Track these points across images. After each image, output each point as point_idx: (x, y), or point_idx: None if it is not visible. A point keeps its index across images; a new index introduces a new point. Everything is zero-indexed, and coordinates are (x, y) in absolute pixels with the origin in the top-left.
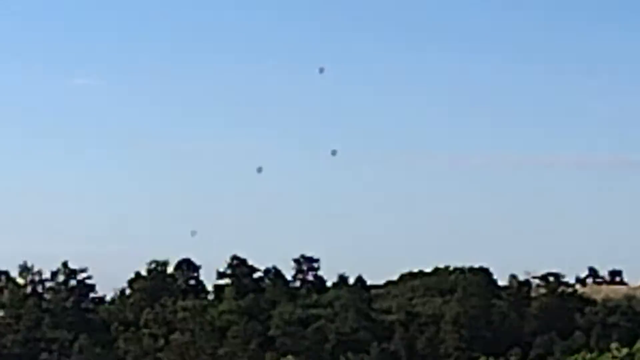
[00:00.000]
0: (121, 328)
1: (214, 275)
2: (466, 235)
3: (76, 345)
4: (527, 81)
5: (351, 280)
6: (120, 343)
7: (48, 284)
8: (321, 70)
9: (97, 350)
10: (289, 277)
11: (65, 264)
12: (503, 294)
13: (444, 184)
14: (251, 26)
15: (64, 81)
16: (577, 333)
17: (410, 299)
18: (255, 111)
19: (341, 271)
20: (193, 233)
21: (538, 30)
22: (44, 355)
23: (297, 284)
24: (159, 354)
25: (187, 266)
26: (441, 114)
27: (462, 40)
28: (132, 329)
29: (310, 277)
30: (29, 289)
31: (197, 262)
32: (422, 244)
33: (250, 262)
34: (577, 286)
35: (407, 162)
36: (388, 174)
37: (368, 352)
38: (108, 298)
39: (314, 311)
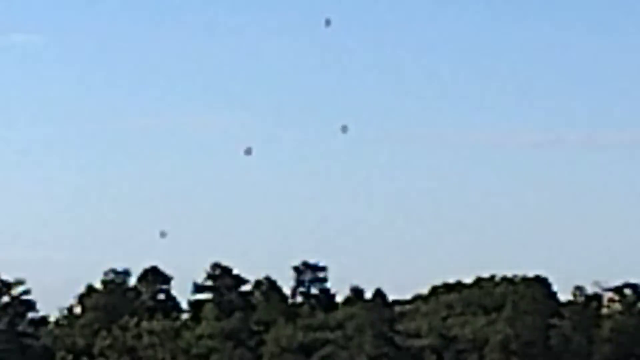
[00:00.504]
0: (69, 357)
1: (190, 289)
2: (517, 235)
3: None
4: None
5: (368, 295)
6: None
7: None
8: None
9: None
10: (287, 291)
11: None
12: (565, 311)
13: (483, 169)
14: None
15: None
16: None
17: (445, 318)
18: (241, 80)
19: (355, 282)
20: (162, 234)
21: None
22: None
23: (298, 299)
24: None
25: (155, 277)
26: (474, 87)
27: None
28: (84, 358)
29: (314, 291)
30: None
31: (168, 271)
32: (460, 247)
33: (236, 271)
34: None
35: (435, 142)
36: (412, 157)
37: None
38: (52, 319)
39: (319, 335)
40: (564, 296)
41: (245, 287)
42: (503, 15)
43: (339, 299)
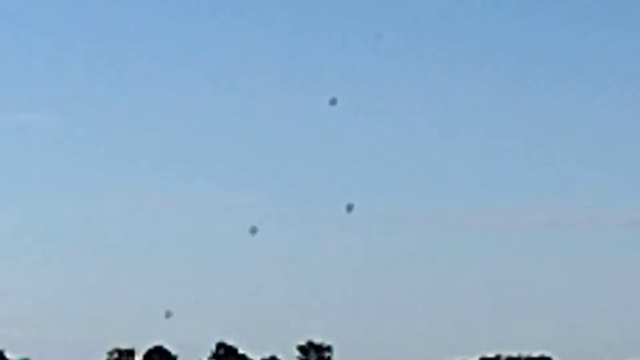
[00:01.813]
0: None
1: None
2: (521, 315)
3: None
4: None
5: None
6: None
7: None
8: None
9: None
10: None
11: (1, 354)
12: None
13: (485, 250)
14: None
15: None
16: None
17: None
18: (246, 159)
19: None
20: (168, 314)
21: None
22: None
23: None
24: None
25: (160, 356)
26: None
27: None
28: None
29: None
30: None
31: (173, 350)
32: (464, 326)
33: (241, 351)
34: None
35: (437, 223)
36: (416, 237)
37: None
38: None
39: None
40: None
41: None
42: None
43: None
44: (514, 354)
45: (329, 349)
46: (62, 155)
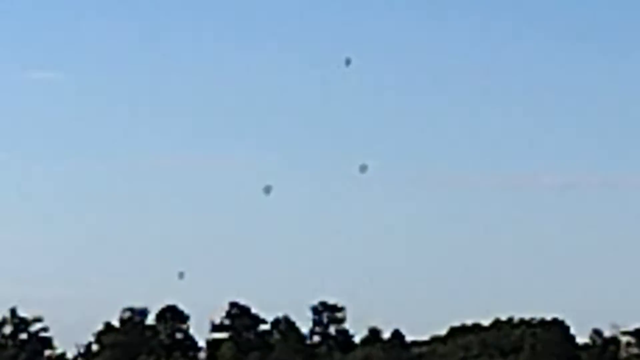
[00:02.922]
0: None
1: (207, 328)
2: (535, 278)
3: None
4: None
5: (386, 335)
6: None
7: None
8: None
9: None
10: (304, 331)
11: (13, 312)
12: (583, 354)
13: (502, 211)
14: None
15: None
16: None
17: (463, 359)
18: (261, 119)
19: (373, 323)
20: (181, 275)
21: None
22: None
23: (316, 339)
24: None
25: (173, 315)
26: (494, 129)
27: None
28: None
29: (332, 331)
30: None
31: (185, 310)
32: (478, 289)
33: (254, 311)
34: None
35: (454, 184)
36: (431, 198)
37: None
38: (69, 356)
39: None
40: (581, 339)
41: (263, 327)
42: (526, 55)
43: (356, 339)
44: (527, 317)
45: (341, 309)
46: (80, 113)
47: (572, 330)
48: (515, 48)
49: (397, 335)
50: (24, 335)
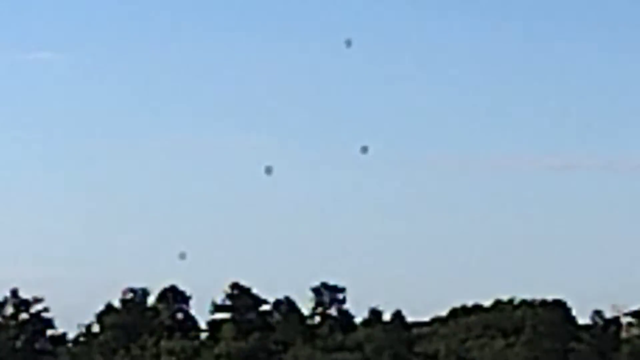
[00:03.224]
0: None
1: (208, 308)
2: (536, 259)
3: None
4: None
5: (387, 316)
6: None
7: None
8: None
9: None
10: (305, 312)
11: (14, 292)
12: (584, 335)
13: (503, 193)
14: None
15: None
16: None
17: (464, 340)
18: (261, 100)
19: (374, 304)
20: (182, 256)
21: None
22: None
23: (317, 320)
24: None
25: (174, 296)
26: (494, 110)
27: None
28: None
29: (333, 312)
30: None
31: (187, 291)
32: (479, 269)
33: (255, 292)
34: None
35: (454, 165)
36: (432, 179)
37: None
38: (71, 336)
39: (338, 355)
40: (582, 320)
41: (264, 307)
42: (526, 39)
43: (357, 320)
44: (528, 297)
45: (342, 290)
46: (81, 94)
47: (574, 312)
48: (510, 35)
49: (398, 316)
50: (25, 316)
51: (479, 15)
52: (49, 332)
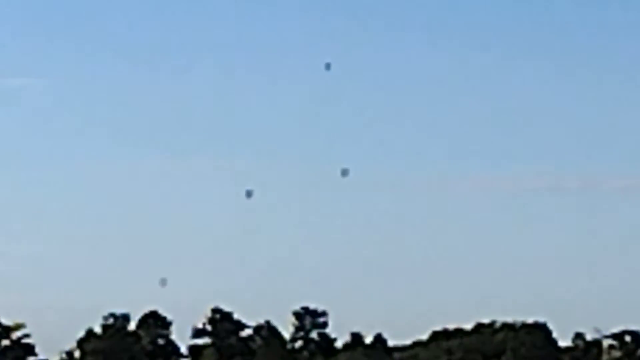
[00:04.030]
0: None
1: (189, 333)
2: (517, 281)
3: None
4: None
5: (368, 340)
6: None
7: None
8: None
9: None
10: (287, 336)
11: None
12: (565, 357)
13: (483, 215)
14: None
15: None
16: None
17: None
18: (243, 124)
19: (355, 328)
20: (163, 282)
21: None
22: None
23: (298, 344)
24: None
25: (155, 321)
26: (472, 132)
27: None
28: None
29: (314, 336)
30: None
31: (168, 316)
32: (460, 293)
33: (236, 316)
34: None
35: (434, 188)
36: (412, 202)
37: None
38: None
39: None
40: (564, 342)
41: (245, 332)
42: (502, 60)
43: (339, 344)
44: (509, 320)
45: (324, 314)
46: (55, 119)
47: (555, 334)
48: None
49: (379, 339)
50: (6, 342)
51: (453, 41)
52: (31, 358)
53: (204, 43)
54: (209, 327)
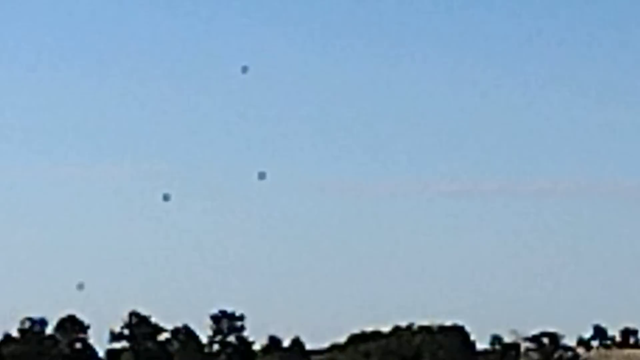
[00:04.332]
0: None
1: (107, 337)
2: (434, 284)
3: None
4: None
5: (286, 343)
6: None
7: None
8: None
9: None
10: (204, 339)
11: None
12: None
13: (400, 218)
14: None
15: None
16: None
17: None
18: (159, 128)
19: (272, 331)
20: (80, 286)
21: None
22: None
23: (216, 347)
24: None
25: (72, 325)
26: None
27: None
28: None
29: (232, 339)
30: None
31: (85, 320)
32: (377, 295)
33: (153, 320)
34: (580, 350)
35: (351, 191)
36: (329, 205)
37: None
38: None
39: None
40: (481, 345)
41: (163, 336)
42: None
43: (256, 347)
44: (427, 323)
45: (241, 318)
46: None
47: (472, 336)
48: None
49: (296, 343)
50: None
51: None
52: None
53: (120, 47)
54: (126, 331)
